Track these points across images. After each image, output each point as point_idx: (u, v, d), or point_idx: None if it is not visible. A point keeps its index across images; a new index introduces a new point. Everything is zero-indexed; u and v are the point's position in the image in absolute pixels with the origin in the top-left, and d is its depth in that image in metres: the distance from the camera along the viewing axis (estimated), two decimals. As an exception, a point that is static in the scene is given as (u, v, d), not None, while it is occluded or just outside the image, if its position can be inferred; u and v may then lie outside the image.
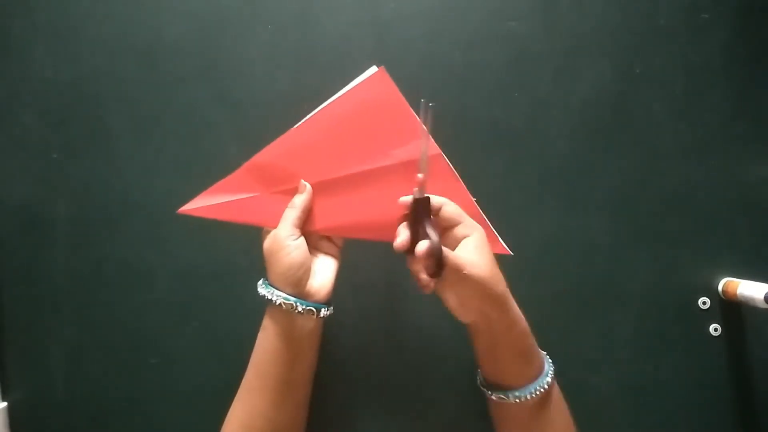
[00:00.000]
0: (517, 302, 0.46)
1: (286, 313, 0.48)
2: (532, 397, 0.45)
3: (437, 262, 0.41)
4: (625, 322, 0.51)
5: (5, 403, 0.60)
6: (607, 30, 0.58)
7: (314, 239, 0.51)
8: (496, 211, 0.58)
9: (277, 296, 0.47)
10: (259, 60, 0.55)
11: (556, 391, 0.48)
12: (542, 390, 0.46)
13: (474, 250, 0.45)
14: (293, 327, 0.48)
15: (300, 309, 0.47)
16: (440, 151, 0.51)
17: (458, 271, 0.42)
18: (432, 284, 0.44)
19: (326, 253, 0.52)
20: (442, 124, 0.57)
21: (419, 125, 0.48)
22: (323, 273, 0.50)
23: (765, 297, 0.50)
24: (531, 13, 0.58)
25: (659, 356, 0.57)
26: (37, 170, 0.60)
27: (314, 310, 0.48)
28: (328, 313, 0.50)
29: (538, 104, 0.58)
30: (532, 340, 0.47)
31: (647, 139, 0.58)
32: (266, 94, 0.59)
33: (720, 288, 0.57)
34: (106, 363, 0.60)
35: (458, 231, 0.46)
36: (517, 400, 0.46)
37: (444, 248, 0.41)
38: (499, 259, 0.46)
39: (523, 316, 0.46)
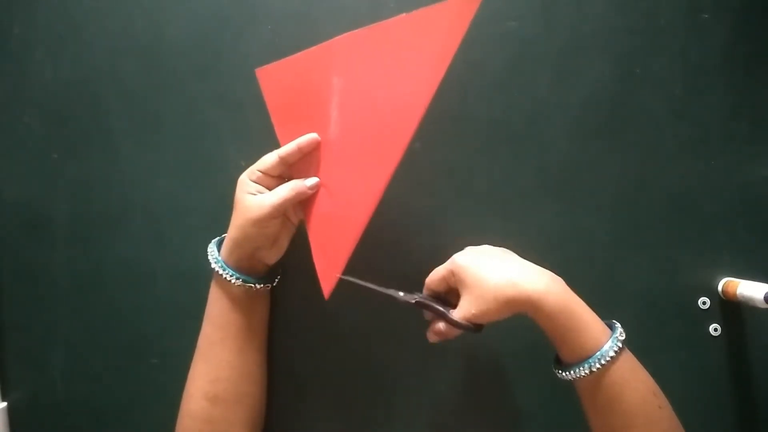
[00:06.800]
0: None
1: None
2: (575, 376, 0.45)
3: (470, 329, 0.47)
4: (625, 322, 0.51)
5: (5, 403, 0.60)
6: (607, 30, 0.58)
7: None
8: (496, 210, 0.58)
9: (233, 278, 0.49)
10: (259, 60, 0.54)
11: (622, 376, 0.45)
12: (586, 372, 0.44)
13: (469, 301, 0.47)
14: (247, 290, 0.51)
15: (258, 287, 0.50)
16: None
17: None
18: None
19: (287, 218, 0.52)
20: (443, 124, 0.58)
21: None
22: (280, 240, 0.51)
23: (765, 297, 0.50)
24: (531, 13, 0.58)
25: (659, 356, 0.57)
26: (37, 170, 0.60)
27: (269, 286, 0.52)
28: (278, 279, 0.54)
29: (538, 104, 0.58)
30: (581, 323, 0.45)
31: (647, 139, 0.58)
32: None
33: (720, 288, 0.57)
34: (106, 363, 0.60)
35: (452, 283, 0.49)
36: (566, 376, 0.46)
37: (458, 318, 0.47)
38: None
39: (570, 301, 0.46)
